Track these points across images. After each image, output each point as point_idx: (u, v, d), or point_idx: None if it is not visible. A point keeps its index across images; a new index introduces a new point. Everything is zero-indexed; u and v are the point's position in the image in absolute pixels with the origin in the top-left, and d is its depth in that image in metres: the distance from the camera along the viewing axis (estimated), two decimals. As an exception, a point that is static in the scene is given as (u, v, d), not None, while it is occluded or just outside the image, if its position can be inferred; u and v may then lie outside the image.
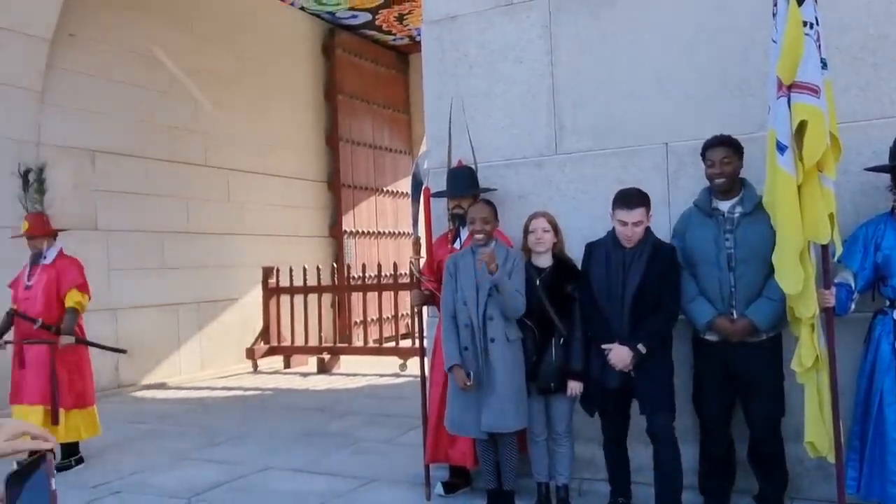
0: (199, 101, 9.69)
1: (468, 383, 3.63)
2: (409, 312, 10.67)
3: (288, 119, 11.11)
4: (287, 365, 9.90)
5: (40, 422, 4.85)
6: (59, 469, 4.78)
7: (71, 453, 5.14)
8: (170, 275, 9.14)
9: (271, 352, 9.92)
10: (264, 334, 9.95)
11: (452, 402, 3.79)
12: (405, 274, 9.10)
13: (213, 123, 9.85)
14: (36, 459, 1.04)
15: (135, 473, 4.95)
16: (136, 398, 8.04)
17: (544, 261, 3.78)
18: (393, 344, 9.26)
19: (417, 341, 4.41)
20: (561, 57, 4.30)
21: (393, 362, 9.13)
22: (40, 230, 5.19)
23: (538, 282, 3.70)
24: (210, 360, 9.61)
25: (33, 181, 5.28)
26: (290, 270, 9.85)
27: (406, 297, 8.87)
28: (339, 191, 11.89)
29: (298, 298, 9.82)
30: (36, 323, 5.02)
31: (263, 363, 9.89)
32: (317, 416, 6.62)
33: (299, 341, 9.82)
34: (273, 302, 9.96)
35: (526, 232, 3.81)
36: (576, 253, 3.83)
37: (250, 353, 9.78)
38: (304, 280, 9.78)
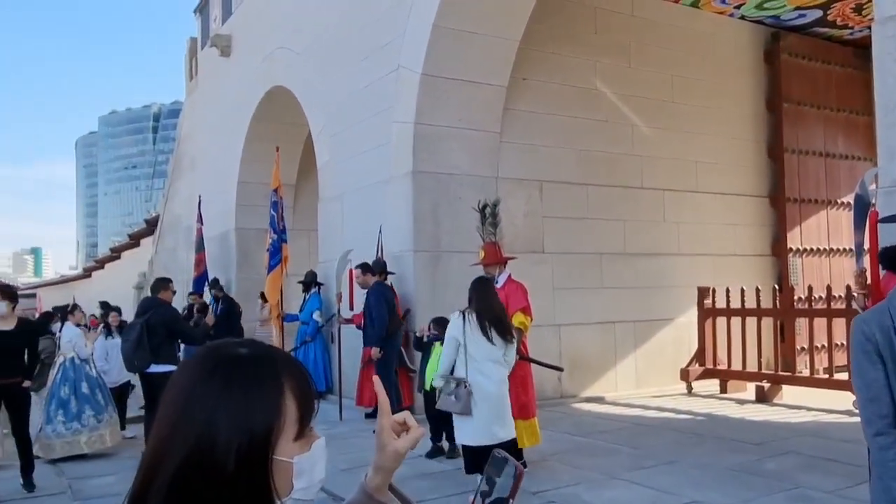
0: (636, 125, 10.01)
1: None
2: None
3: (724, 134, 10.77)
4: (723, 389, 9.58)
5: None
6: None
7: (516, 458, 5.78)
8: (608, 294, 9.60)
9: (706, 374, 9.71)
10: (699, 356, 9.79)
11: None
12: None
13: (649, 146, 10.07)
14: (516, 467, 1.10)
15: (569, 486, 5.35)
16: (575, 410, 8.63)
17: None
18: (845, 376, 8.28)
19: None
20: None
21: (845, 397, 8.15)
22: (493, 259, 5.97)
23: None
24: (645, 378, 9.80)
25: (489, 214, 6.10)
26: (727, 291, 9.52)
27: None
28: (783, 205, 11.09)
29: (736, 321, 9.43)
30: (490, 340, 5.78)
31: (698, 385, 9.72)
32: (752, 451, 6.30)
33: (736, 366, 9.42)
34: (709, 323, 9.74)
35: None
36: None
37: (685, 375, 9.70)
38: (742, 302, 9.35)
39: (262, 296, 11.40)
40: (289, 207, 12.53)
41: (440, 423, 6.44)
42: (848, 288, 8.52)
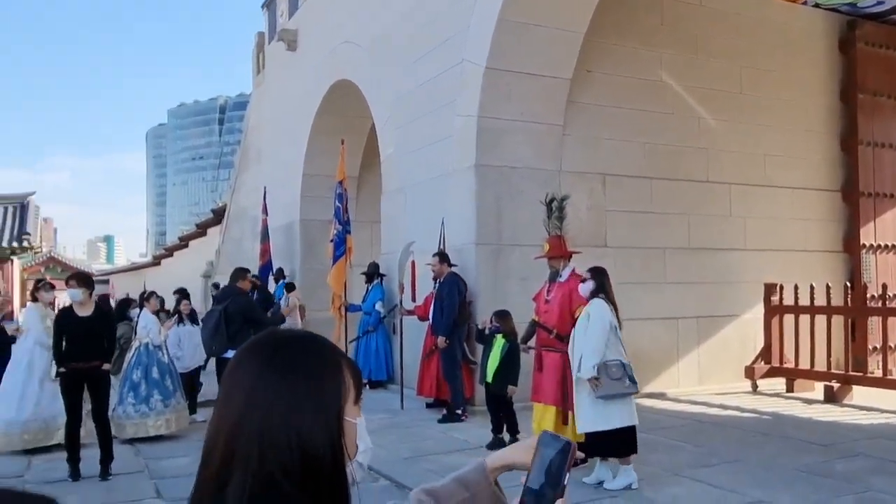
0: (703, 118, 9.83)
1: None
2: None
3: (794, 127, 10.48)
4: (789, 388, 9.36)
5: (553, 420, 5.61)
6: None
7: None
8: (671, 289, 9.47)
9: (772, 372, 9.50)
10: (765, 354, 9.59)
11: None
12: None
13: (716, 139, 9.88)
14: (566, 443, 1.13)
15: (631, 484, 5.34)
16: (637, 405, 8.55)
17: None
18: (921, 379, 8.01)
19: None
20: None
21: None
22: (558, 252, 5.99)
23: None
24: (708, 375, 9.65)
25: (555, 208, 6.11)
26: (796, 288, 9.29)
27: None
28: (856, 200, 10.74)
29: (804, 318, 9.20)
30: (552, 333, 5.81)
31: (763, 384, 9.53)
32: (819, 452, 6.17)
33: (804, 364, 9.19)
34: (776, 321, 9.52)
35: None
36: None
37: (749, 372, 9.52)
38: (812, 299, 9.12)
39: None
40: (352, 199, 12.72)
41: (500, 415, 6.51)
42: (925, 286, 8.22)
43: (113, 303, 11.78)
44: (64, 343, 5.85)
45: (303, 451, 0.96)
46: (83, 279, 6.08)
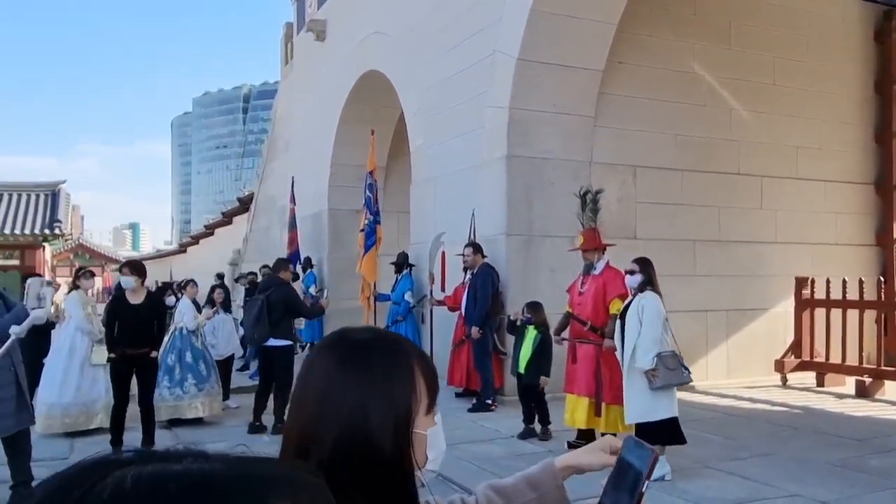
0: (735, 110, 9.77)
1: None
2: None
3: (828, 119, 10.37)
4: (820, 383, 9.32)
5: (586, 411, 5.65)
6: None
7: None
8: (701, 282, 9.45)
9: (802, 367, 9.46)
10: (795, 348, 9.54)
11: None
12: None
13: (748, 131, 9.82)
14: (649, 452, 1.10)
15: (665, 475, 5.37)
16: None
17: None
18: (955, 375, 7.94)
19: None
20: None
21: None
22: (592, 244, 6.01)
23: None
24: (737, 369, 9.63)
25: (589, 201, 6.13)
26: (828, 282, 9.23)
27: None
28: (890, 193, 10.63)
29: (836, 312, 9.14)
30: (586, 325, 5.85)
31: (793, 378, 9.48)
32: (853, 447, 6.15)
33: (835, 359, 9.14)
34: (806, 315, 9.47)
35: None
36: None
37: (779, 366, 9.48)
38: (843, 293, 9.06)
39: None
40: (380, 189, 12.80)
41: (532, 406, 6.56)
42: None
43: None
44: (116, 329, 5.99)
45: (369, 455, 0.97)
46: (136, 268, 6.21)
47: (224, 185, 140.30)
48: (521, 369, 6.41)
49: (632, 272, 5.48)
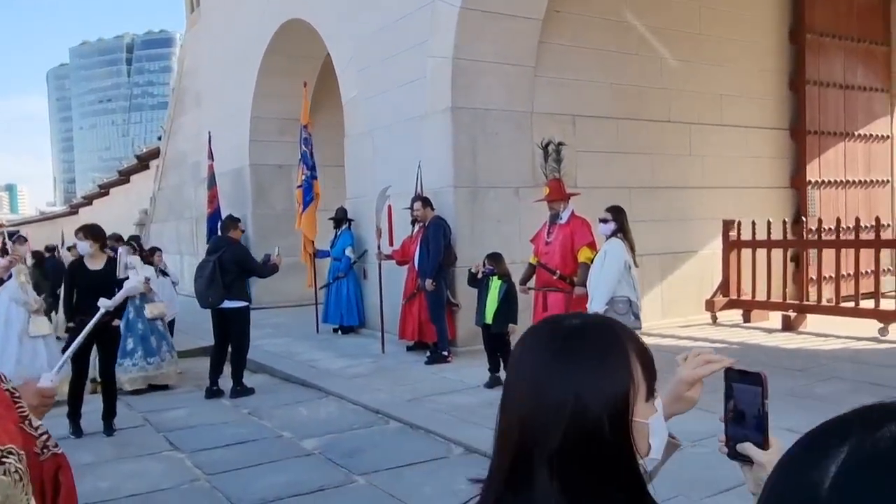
0: (664, 58, 9.99)
1: None
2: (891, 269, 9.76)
3: (747, 67, 10.78)
4: (746, 319, 9.88)
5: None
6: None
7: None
8: (636, 227, 9.61)
9: (731, 305, 9.99)
10: (724, 287, 10.05)
11: None
12: (888, 226, 8.29)
13: (676, 79, 10.08)
14: (756, 376, 1.14)
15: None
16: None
17: None
18: (871, 304, 8.59)
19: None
20: None
21: (869, 325, 8.49)
22: (558, 195, 6.07)
23: None
24: (670, 309, 10.06)
25: (552, 152, 6.17)
26: (753, 224, 9.72)
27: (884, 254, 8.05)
28: (803, 138, 11.22)
29: (761, 252, 9.66)
30: (555, 274, 5.94)
31: (722, 315, 10.02)
32: (798, 377, 6.58)
33: (760, 297, 9.70)
34: (734, 256, 9.97)
35: None
36: None
37: (709, 305, 9.98)
38: (768, 234, 9.57)
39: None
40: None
41: (498, 355, 6.65)
42: (877, 220, 8.76)
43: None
44: (74, 297, 5.60)
45: (595, 447, 0.94)
46: (91, 232, 5.79)
47: (111, 141, 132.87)
48: (489, 319, 6.47)
49: (605, 220, 5.59)
